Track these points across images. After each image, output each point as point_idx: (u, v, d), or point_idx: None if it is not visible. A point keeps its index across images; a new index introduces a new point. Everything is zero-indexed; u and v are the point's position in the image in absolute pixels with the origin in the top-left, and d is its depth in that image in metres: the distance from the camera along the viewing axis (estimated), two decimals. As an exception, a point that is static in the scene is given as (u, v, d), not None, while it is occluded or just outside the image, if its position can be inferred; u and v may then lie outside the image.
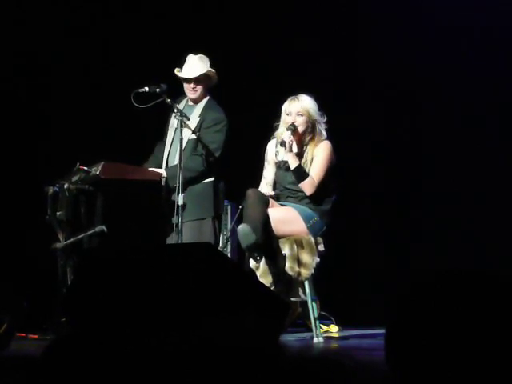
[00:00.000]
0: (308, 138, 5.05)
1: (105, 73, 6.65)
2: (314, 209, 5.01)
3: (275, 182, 5.16)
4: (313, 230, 4.98)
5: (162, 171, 5.37)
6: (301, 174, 4.98)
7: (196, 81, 5.45)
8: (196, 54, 5.48)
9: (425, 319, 1.35)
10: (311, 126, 5.02)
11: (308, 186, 4.97)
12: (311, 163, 5.01)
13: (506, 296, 1.36)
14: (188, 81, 5.45)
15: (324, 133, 5.05)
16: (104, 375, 1.36)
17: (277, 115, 5.13)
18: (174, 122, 5.46)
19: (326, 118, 5.06)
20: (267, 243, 4.83)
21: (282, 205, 5.04)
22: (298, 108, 5.00)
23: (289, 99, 5.04)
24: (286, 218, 4.94)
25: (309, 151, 5.04)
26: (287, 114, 5.03)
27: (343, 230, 6.16)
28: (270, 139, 5.21)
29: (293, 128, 4.96)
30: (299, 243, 4.92)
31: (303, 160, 5.03)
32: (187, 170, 5.18)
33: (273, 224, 4.86)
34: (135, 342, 1.49)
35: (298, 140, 5.06)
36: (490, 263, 5.99)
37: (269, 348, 1.30)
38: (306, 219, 4.97)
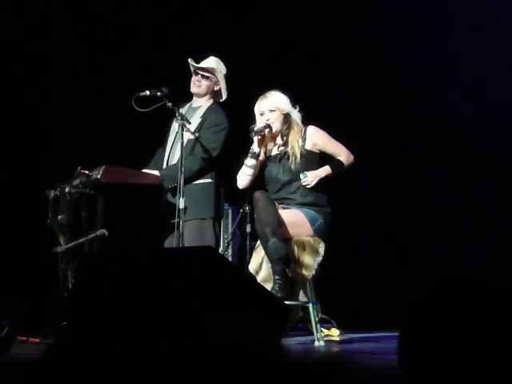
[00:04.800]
0: (285, 128, 5.12)
1: (106, 76, 6.66)
2: (317, 211, 5.01)
3: (267, 180, 5.16)
4: (318, 232, 4.99)
5: (157, 173, 5.37)
6: (338, 165, 5.09)
7: (202, 75, 5.48)
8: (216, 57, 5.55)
9: (439, 322, 1.34)
10: (284, 117, 5.09)
11: (348, 161, 5.12)
12: (299, 150, 5.04)
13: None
14: (195, 72, 5.49)
15: (299, 121, 5.11)
16: (104, 379, 1.36)
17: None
18: (175, 126, 5.46)
19: (298, 108, 5.13)
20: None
21: (284, 208, 5.03)
22: (268, 106, 5.10)
23: (258, 99, 5.13)
24: (294, 222, 4.94)
25: (292, 139, 5.09)
26: (261, 114, 5.11)
27: (343, 233, 6.16)
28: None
29: (256, 132, 5.04)
30: (300, 245, 4.92)
31: (289, 148, 5.07)
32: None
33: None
34: (136, 345, 1.49)
35: (276, 135, 5.14)
36: (491, 264, 5.99)
37: (271, 352, 1.30)
38: (312, 222, 4.97)
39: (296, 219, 4.95)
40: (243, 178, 5.15)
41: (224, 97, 5.57)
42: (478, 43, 6.47)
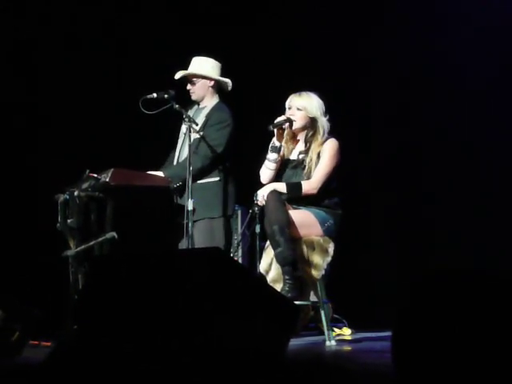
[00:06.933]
0: (310, 134, 5.08)
1: (114, 79, 6.67)
2: (328, 212, 5.00)
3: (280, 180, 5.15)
4: (328, 232, 4.97)
5: (160, 173, 5.36)
6: (295, 187, 4.98)
7: (189, 82, 5.50)
8: (202, 56, 5.52)
9: (431, 320, 1.34)
10: (310, 122, 5.06)
11: (308, 190, 4.98)
12: (316, 163, 5.01)
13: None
14: (185, 83, 5.51)
15: (324, 129, 5.05)
16: (114, 379, 1.36)
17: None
18: (183, 128, 5.47)
19: (327, 116, 5.07)
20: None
21: (295, 208, 5.02)
22: (297, 103, 5.07)
23: (292, 94, 5.09)
24: (304, 222, 4.92)
25: (313, 149, 5.04)
26: (289, 108, 5.09)
27: (355, 232, 6.15)
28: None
29: (274, 125, 5.00)
30: (310, 244, 4.91)
31: (308, 158, 5.04)
32: (184, 169, 5.16)
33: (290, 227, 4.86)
34: (145, 346, 1.49)
35: (296, 134, 5.12)
36: (492, 264, 5.98)
37: (276, 353, 1.30)
38: (322, 223, 4.96)
39: (306, 219, 4.94)
40: (266, 172, 5.11)
41: (228, 84, 5.54)
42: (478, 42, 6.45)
